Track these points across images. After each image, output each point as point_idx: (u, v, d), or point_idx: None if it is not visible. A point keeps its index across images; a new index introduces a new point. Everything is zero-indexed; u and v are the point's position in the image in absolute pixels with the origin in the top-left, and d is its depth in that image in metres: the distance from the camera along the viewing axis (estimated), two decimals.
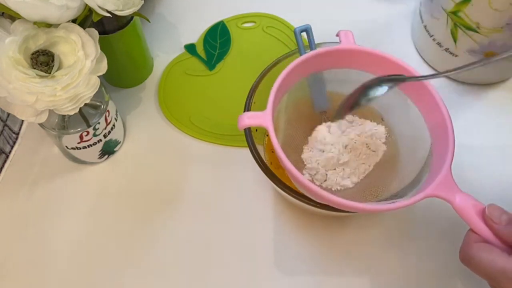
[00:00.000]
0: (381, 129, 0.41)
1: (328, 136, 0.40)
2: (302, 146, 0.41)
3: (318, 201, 0.35)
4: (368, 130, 0.41)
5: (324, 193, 0.32)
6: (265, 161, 0.38)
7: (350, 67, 0.40)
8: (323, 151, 0.40)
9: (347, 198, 0.32)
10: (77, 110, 0.38)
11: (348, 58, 0.39)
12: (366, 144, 0.40)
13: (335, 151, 0.39)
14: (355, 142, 0.40)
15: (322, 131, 0.41)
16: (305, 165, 0.40)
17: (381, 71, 0.38)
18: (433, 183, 0.33)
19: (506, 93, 0.51)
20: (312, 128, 0.42)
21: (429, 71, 0.52)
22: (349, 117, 0.42)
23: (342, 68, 0.40)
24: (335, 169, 0.40)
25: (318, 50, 0.38)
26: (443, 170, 0.33)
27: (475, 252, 0.30)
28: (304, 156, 0.41)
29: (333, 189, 0.39)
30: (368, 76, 0.38)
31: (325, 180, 0.40)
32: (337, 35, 0.39)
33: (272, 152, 0.44)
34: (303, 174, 0.40)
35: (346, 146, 0.40)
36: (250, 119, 0.34)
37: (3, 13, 0.35)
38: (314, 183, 0.38)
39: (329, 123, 0.42)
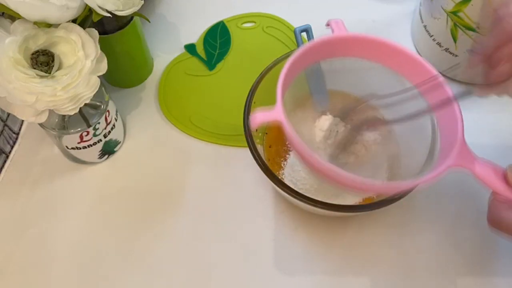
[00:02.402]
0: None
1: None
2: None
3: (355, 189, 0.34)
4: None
5: (368, 181, 0.31)
6: (265, 161, 0.38)
7: (347, 55, 0.39)
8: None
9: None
10: (77, 110, 0.38)
11: (348, 46, 0.38)
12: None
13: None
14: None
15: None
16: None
17: (379, 56, 0.38)
18: (451, 153, 0.32)
19: None
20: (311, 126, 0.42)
21: None
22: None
23: (340, 57, 0.40)
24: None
25: (321, 39, 0.37)
26: (458, 139, 0.33)
27: (504, 214, 0.30)
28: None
29: None
30: (365, 64, 0.38)
31: None
32: (327, 25, 0.39)
33: (270, 147, 0.44)
34: None
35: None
36: (262, 116, 0.33)
37: (3, 13, 0.35)
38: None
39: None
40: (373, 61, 0.39)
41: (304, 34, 0.41)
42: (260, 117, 0.33)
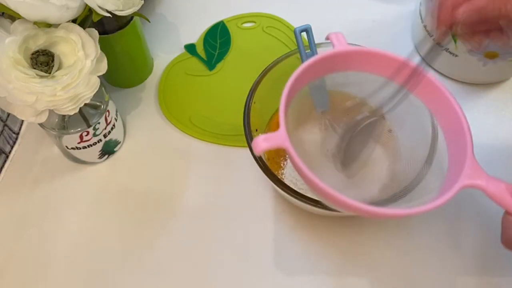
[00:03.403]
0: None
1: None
2: (314, 153, 0.41)
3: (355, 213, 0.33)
4: None
5: (372, 208, 0.30)
6: (265, 160, 0.38)
7: (348, 70, 0.38)
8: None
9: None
10: (77, 110, 0.38)
11: (346, 60, 0.38)
12: None
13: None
14: None
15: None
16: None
17: (381, 69, 0.37)
18: (461, 175, 0.31)
19: (506, 93, 0.51)
20: (314, 128, 0.42)
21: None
22: None
23: (341, 72, 0.39)
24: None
25: (318, 57, 0.36)
26: (468, 157, 0.32)
27: None
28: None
29: None
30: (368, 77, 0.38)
31: None
32: (327, 39, 0.38)
33: None
34: None
35: None
36: (266, 142, 0.31)
37: (3, 13, 0.35)
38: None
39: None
40: (377, 74, 0.38)
41: (304, 34, 0.41)
42: (262, 144, 0.31)
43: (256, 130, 0.42)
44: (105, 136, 0.45)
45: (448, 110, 0.35)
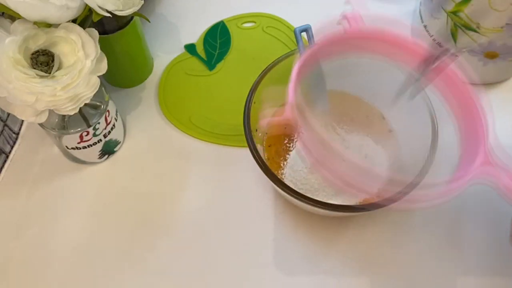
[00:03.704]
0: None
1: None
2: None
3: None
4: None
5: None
6: (265, 160, 0.38)
7: (363, 53, 0.37)
8: None
9: None
10: (77, 110, 0.38)
11: (362, 42, 0.36)
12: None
13: None
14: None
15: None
16: None
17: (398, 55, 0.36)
18: (474, 163, 0.29)
19: (506, 93, 0.51)
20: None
21: None
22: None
23: (356, 55, 0.37)
24: None
25: (335, 35, 0.34)
26: (481, 148, 0.30)
27: None
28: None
29: None
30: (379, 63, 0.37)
31: None
32: (343, 18, 0.36)
33: (269, 146, 0.44)
34: None
35: None
36: (275, 118, 0.30)
37: (3, 13, 0.35)
38: None
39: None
40: (393, 60, 0.36)
41: (304, 34, 0.41)
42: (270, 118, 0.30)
43: (256, 130, 0.42)
44: (105, 136, 0.45)
45: (464, 97, 0.34)
